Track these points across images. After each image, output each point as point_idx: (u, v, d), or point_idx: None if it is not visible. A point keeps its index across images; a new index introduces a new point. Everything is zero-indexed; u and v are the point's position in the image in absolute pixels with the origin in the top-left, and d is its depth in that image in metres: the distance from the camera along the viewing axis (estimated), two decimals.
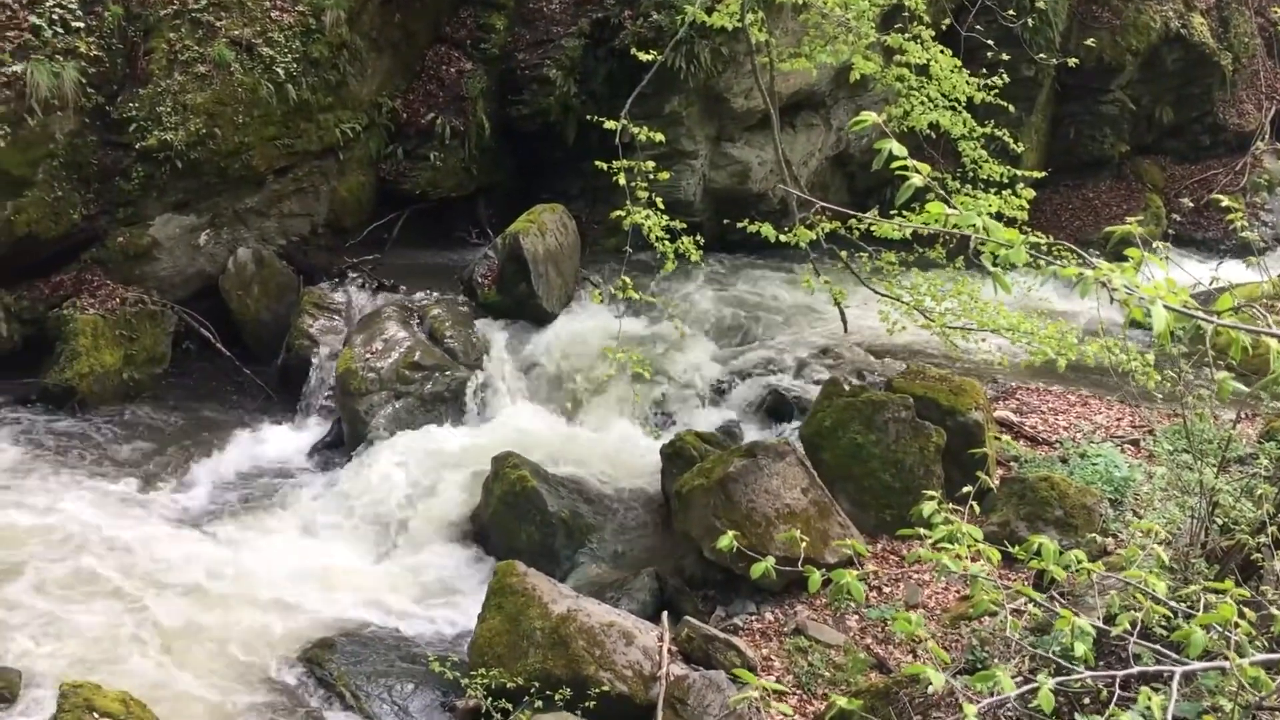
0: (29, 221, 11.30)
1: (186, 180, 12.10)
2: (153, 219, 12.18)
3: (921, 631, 3.33)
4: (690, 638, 7.51)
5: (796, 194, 9.83)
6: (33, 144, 11.09)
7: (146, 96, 11.72)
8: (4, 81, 10.80)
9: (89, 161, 11.63)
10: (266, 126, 12.48)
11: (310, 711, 7.66)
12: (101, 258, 12.09)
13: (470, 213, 14.95)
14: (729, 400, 11.23)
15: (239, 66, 12.13)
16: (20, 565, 8.79)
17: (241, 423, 11.62)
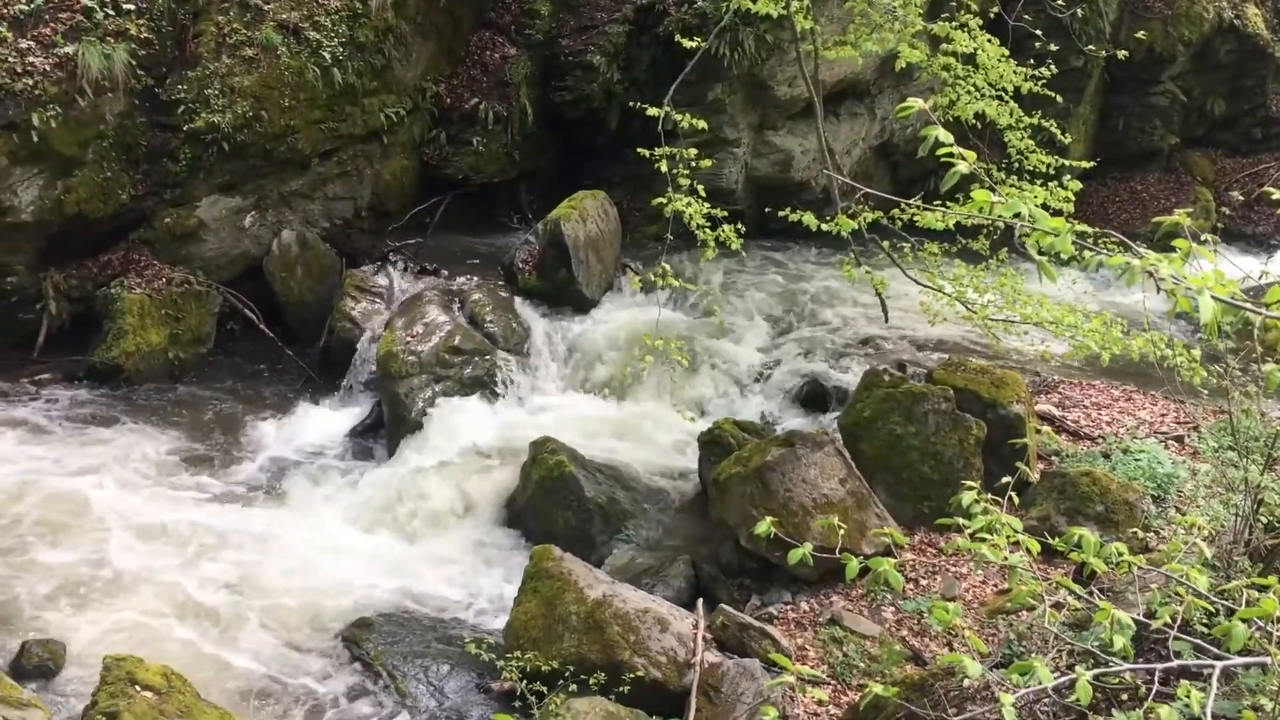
0: (79, 201, 11.46)
1: (233, 162, 12.23)
2: (199, 200, 12.32)
3: (959, 621, 3.31)
4: (725, 625, 7.51)
5: (839, 183, 9.78)
6: (83, 125, 11.24)
7: (195, 79, 11.85)
8: (56, 62, 10.95)
9: (138, 143, 11.77)
10: (312, 110, 12.58)
11: (348, 690, 7.73)
12: (149, 238, 12.25)
13: (512, 198, 15.01)
14: (767, 389, 11.22)
15: (286, 50, 12.22)
16: (64, 539, 8.95)
17: (283, 403, 11.74)
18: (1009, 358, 10.61)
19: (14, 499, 9.32)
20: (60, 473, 9.86)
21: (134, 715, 6.30)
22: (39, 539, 8.92)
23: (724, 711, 6.83)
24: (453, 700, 7.52)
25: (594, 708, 6.67)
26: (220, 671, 7.74)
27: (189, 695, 6.75)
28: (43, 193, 11.25)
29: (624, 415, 11.07)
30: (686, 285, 8.76)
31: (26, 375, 11.55)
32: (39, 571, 8.54)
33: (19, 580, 8.40)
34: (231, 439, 11.02)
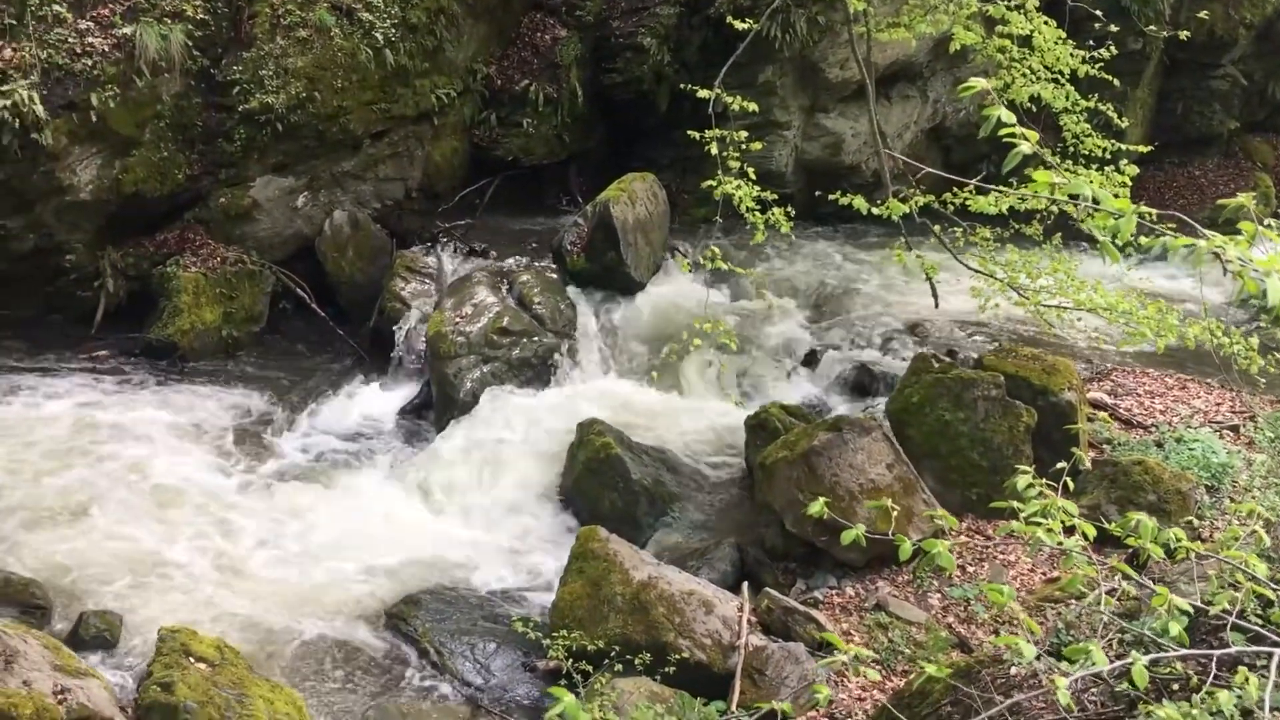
0: (136, 181, 11.64)
1: (286, 143, 12.35)
2: (253, 180, 12.46)
3: (1013, 604, 3.28)
4: (770, 609, 7.51)
5: (890, 166, 9.70)
6: (141, 105, 11.39)
7: (250, 60, 11.96)
8: (114, 43, 11.11)
9: (194, 123, 11.91)
10: (364, 91, 12.67)
11: (395, 666, 7.81)
12: (204, 217, 12.41)
13: (561, 180, 15.02)
14: (815, 373, 11.17)
15: (339, 31, 12.31)
16: (119, 512, 9.11)
17: (333, 382, 11.87)
18: (1061, 344, 10.49)
19: (70, 473, 9.50)
20: (116, 447, 10.03)
21: (188, 686, 6.42)
22: (95, 512, 9.08)
23: (768, 694, 6.83)
24: (499, 678, 7.58)
25: (639, 688, 6.70)
26: (270, 645, 7.85)
27: (241, 667, 6.88)
28: (101, 172, 11.43)
29: (670, 398, 11.07)
30: (735, 268, 8.73)
31: (85, 351, 11.77)
32: (95, 544, 8.70)
33: (76, 552, 8.56)
34: (283, 416, 11.16)
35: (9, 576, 7.90)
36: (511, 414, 10.62)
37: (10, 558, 8.34)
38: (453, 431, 10.55)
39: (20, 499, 9.07)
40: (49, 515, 8.95)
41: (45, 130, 10.73)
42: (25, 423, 10.26)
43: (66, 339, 11.90)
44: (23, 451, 9.78)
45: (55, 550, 8.53)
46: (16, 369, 11.34)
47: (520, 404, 10.76)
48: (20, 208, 11.24)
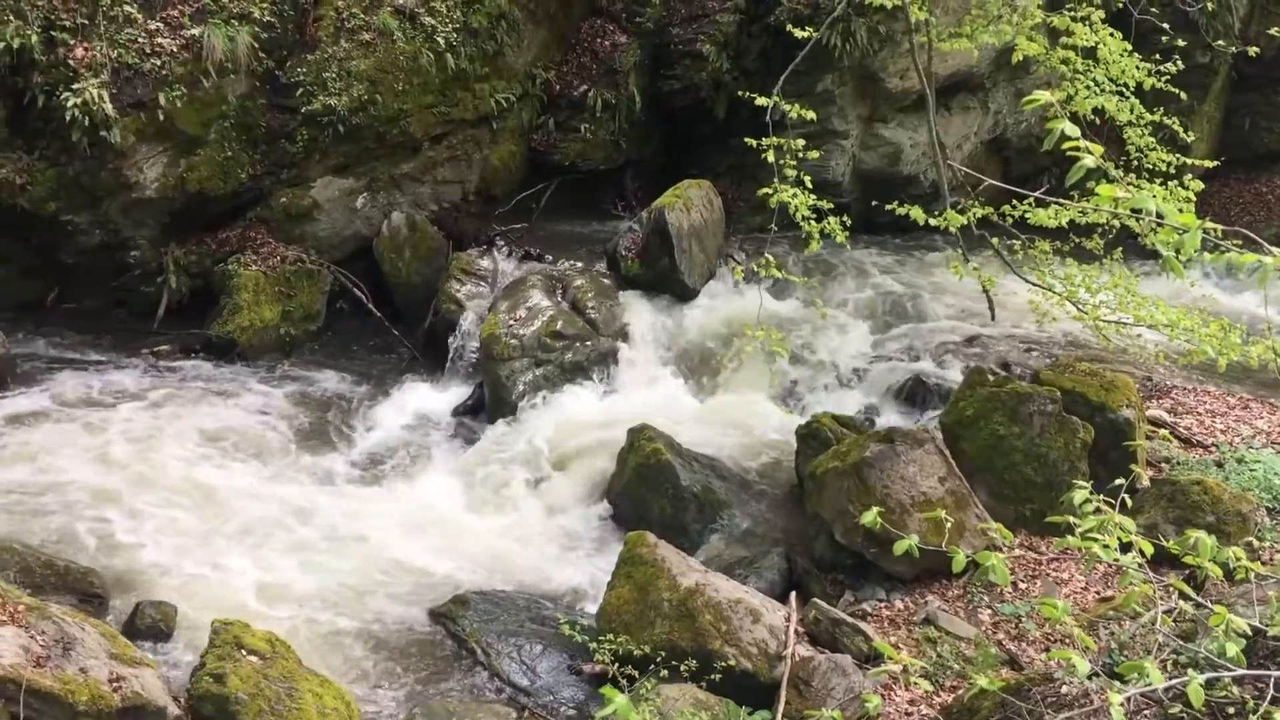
0: (200, 179, 11.84)
1: (347, 145, 12.51)
2: (314, 181, 12.64)
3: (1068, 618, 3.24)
4: (817, 620, 7.47)
5: (948, 178, 9.63)
6: (207, 105, 11.60)
7: (314, 62, 12.13)
8: (183, 44, 11.32)
9: (257, 123, 12.11)
10: (425, 94, 12.80)
11: (442, 665, 7.85)
12: (265, 216, 12.61)
13: (617, 185, 15.07)
14: (868, 384, 11.10)
15: (401, 35, 12.45)
16: (175, 505, 9.25)
17: (388, 382, 11.99)
18: (1120, 360, 10.34)
19: (129, 465, 9.67)
20: (174, 441, 10.19)
21: (240, 678, 6.51)
22: (152, 504, 9.22)
23: (814, 706, 6.78)
24: (544, 680, 7.59)
25: (684, 694, 6.70)
26: (319, 640, 7.93)
27: (291, 661, 6.95)
28: (166, 170, 11.65)
29: (722, 405, 11.05)
30: (789, 277, 8.73)
31: (147, 346, 11.99)
32: (151, 535, 8.83)
33: (133, 543, 8.71)
34: (337, 414, 11.29)
35: (68, 565, 8.05)
36: (563, 417, 10.67)
37: (69, 547, 8.50)
38: (504, 433, 10.62)
39: (79, 488, 9.24)
40: (106, 505, 9.11)
41: (114, 128, 10.96)
42: (87, 413, 10.47)
43: (130, 333, 12.16)
44: (84, 441, 9.97)
45: (112, 540, 8.68)
46: (82, 361, 11.61)
47: (572, 407, 10.80)
48: (88, 204, 11.49)
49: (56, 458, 9.66)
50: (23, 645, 6.19)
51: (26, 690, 5.93)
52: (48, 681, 6.08)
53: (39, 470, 9.41)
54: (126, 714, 6.32)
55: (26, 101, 10.92)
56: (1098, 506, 3.38)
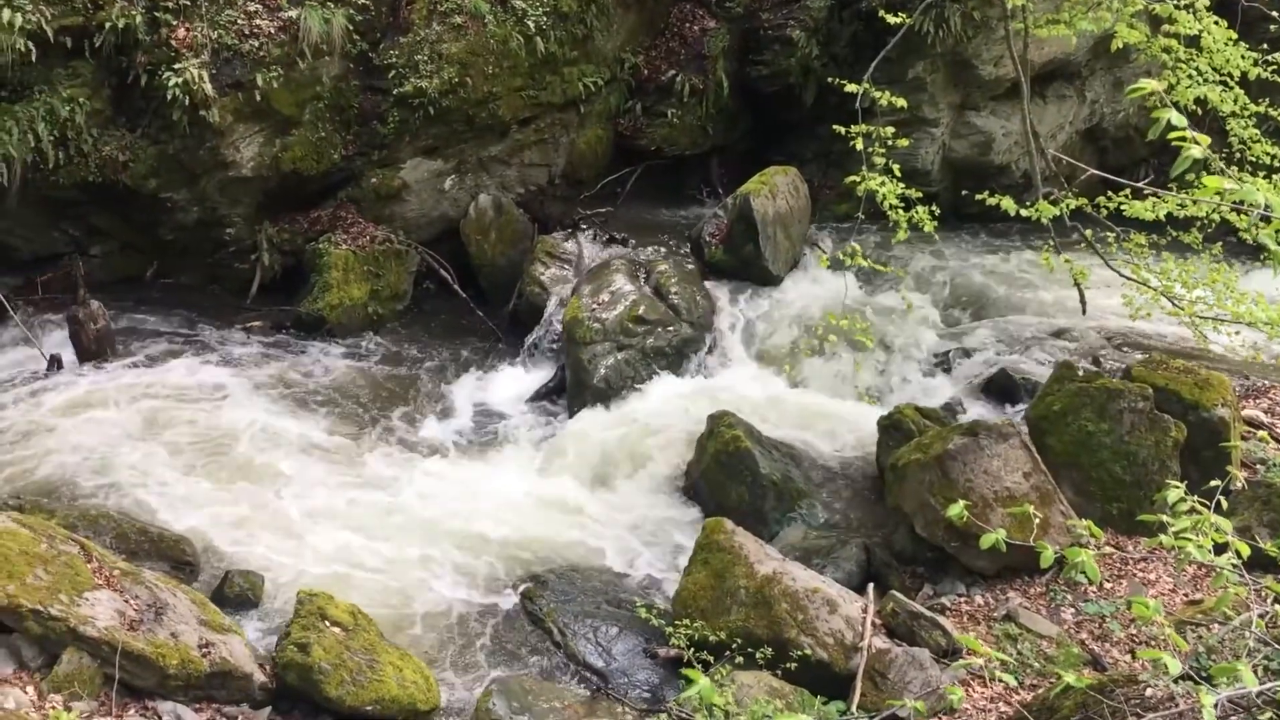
0: (294, 159, 12.08)
1: (437, 127, 12.65)
2: (404, 162, 12.81)
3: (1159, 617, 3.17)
4: (895, 612, 7.41)
5: (1041, 168, 9.44)
6: (302, 86, 11.82)
7: (406, 45, 12.29)
8: (280, 25, 11.54)
9: (350, 105, 12.31)
10: (514, 78, 12.89)
11: (519, 643, 7.93)
12: (355, 197, 12.81)
13: (702, 171, 15.04)
14: (952, 376, 10.95)
15: (492, 18, 12.55)
16: (264, 477, 9.47)
17: (471, 362, 12.13)
18: (1216, 358, 10.06)
19: (220, 438, 9.92)
20: (263, 414, 10.43)
21: (323, 648, 6.66)
22: (241, 475, 9.46)
23: (889, 698, 6.74)
24: (619, 662, 7.63)
25: (759, 682, 6.70)
26: (399, 614, 8.05)
27: (373, 634, 7.10)
28: (262, 150, 11.89)
29: (803, 393, 10.99)
30: (876, 266, 8.62)
31: (239, 321, 12.29)
32: (241, 506, 9.06)
33: (223, 514, 8.93)
34: (421, 393, 11.46)
35: (162, 532, 8.29)
36: (643, 402, 10.70)
37: (163, 514, 8.75)
38: (584, 416, 10.68)
39: (174, 458, 9.51)
40: (199, 475, 9.36)
41: (213, 108, 11.22)
42: (182, 385, 10.76)
43: (224, 308, 12.47)
44: (177, 412, 10.25)
45: (204, 509, 8.92)
46: (178, 334, 11.93)
47: (652, 392, 10.83)
48: (187, 181, 11.79)
49: (150, 427, 9.95)
50: (118, 609, 6.41)
51: (121, 653, 6.14)
52: (140, 644, 6.28)
53: (133, 439, 9.70)
54: (214, 679, 6.51)
55: (130, 81, 11.24)
56: (1192, 506, 3.30)
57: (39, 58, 10.68)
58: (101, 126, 11.37)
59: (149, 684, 6.33)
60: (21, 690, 5.99)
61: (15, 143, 10.74)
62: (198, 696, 6.49)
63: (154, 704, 6.32)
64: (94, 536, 7.62)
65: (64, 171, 11.24)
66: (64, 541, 6.73)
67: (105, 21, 10.92)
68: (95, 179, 11.41)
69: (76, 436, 9.60)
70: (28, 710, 5.89)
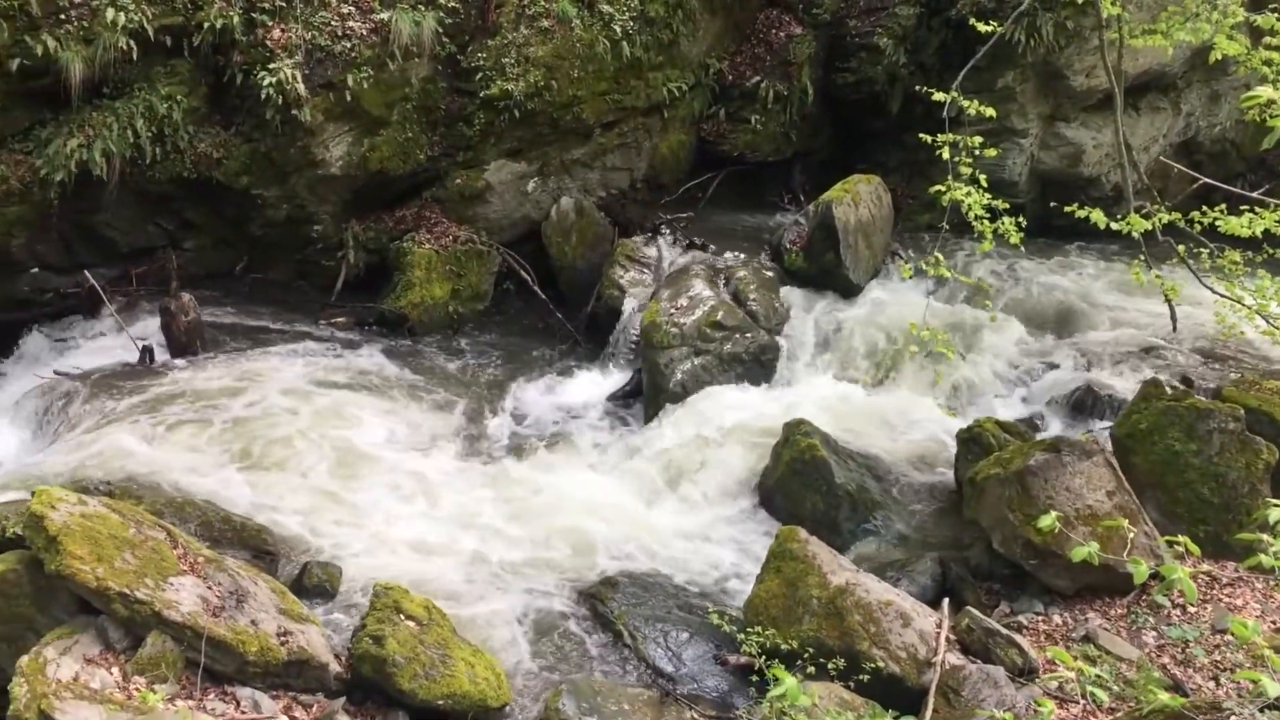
0: (381, 159, 12.27)
1: (521, 129, 12.77)
2: (488, 164, 12.95)
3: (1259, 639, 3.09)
4: (970, 629, 7.31)
5: (1133, 181, 9.24)
6: (391, 87, 12.01)
7: (494, 47, 12.42)
8: (372, 28, 11.74)
9: (437, 106, 12.47)
10: (599, 81, 12.97)
11: (588, 645, 7.93)
12: (440, 197, 12.98)
13: (784, 177, 14.99)
14: (1035, 390, 10.77)
15: (580, 22, 12.65)
16: (342, 471, 9.60)
17: (549, 363, 12.23)
18: None
19: (302, 431, 10.08)
20: (343, 409, 10.58)
21: (397, 641, 6.75)
22: (319, 468, 9.59)
23: (962, 716, 6.66)
24: (689, 668, 7.61)
25: (829, 693, 6.64)
26: (471, 610, 8.09)
27: (446, 629, 7.17)
28: (350, 149, 12.10)
29: (880, 404, 10.88)
30: (960, 277, 8.53)
31: (324, 316, 12.52)
32: (320, 499, 9.20)
33: (303, 505, 9.08)
34: (497, 392, 11.57)
35: (245, 521, 8.46)
36: (719, 408, 10.67)
37: (245, 504, 8.91)
38: (660, 420, 10.69)
39: (257, 450, 9.70)
40: (279, 467, 9.52)
41: (305, 107, 11.45)
42: (266, 378, 10.96)
43: (310, 304, 12.72)
44: (263, 404, 10.46)
45: (285, 500, 9.08)
46: (265, 328, 12.19)
47: (728, 399, 10.80)
48: (277, 178, 12.04)
49: (235, 419, 10.16)
50: (201, 595, 6.56)
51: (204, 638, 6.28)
52: (221, 631, 6.42)
53: (219, 430, 9.91)
54: (291, 667, 6.63)
55: (226, 80, 11.51)
56: None
57: (140, 56, 11.00)
58: (197, 124, 11.67)
59: (229, 669, 6.47)
60: (107, 671, 6.16)
61: (115, 138, 11.06)
62: (275, 684, 6.61)
63: (233, 689, 6.45)
64: (180, 523, 7.82)
65: (160, 167, 11.55)
66: (151, 527, 6.92)
67: (204, 21, 11.21)
68: (190, 175, 11.71)
69: (165, 425, 9.84)
70: (112, 690, 6.05)
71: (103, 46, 10.77)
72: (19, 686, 5.80)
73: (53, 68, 10.69)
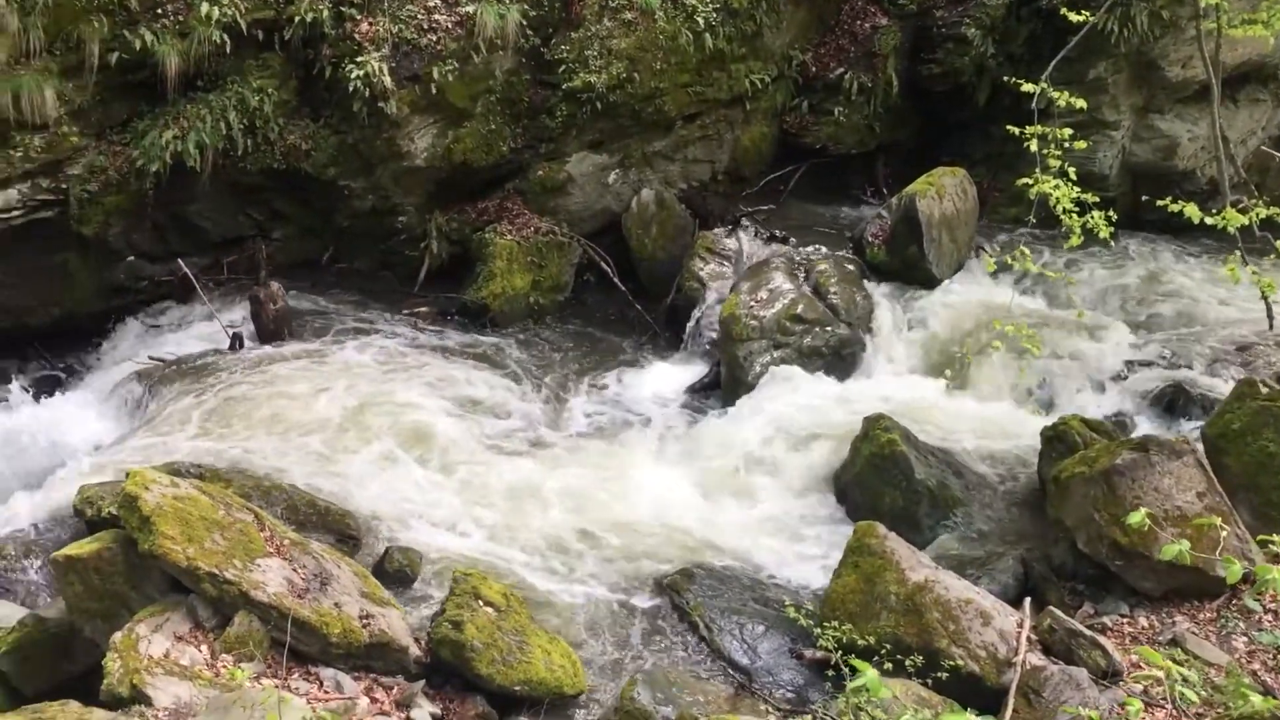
0: (465, 151, 12.41)
1: (603, 121, 12.82)
2: (570, 156, 13.02)
3: None
4: (1052, 629, 7.18)
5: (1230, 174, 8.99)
6: (476, 79, 12.13)
7: (577, 40, 12.48)
8: (457, 20, 11.87)
9: (520, 98, 12.56)
10: (681, 73, 12.97)
11: (663, 635, 7.96)
12: (521, 188, 13.08)
13: (867, 170, 14.85)
14: (1122, 388, 10.53)
15: (663, 14, 12.66)
16: (424, 458, 9.74)
17: (627, 354, 12.27)
18: None
19: (385, 419, 10.23)
20: (426, 399, 10.73)
21: (476, 627, 6.84)
22: (402, 456, 9.73)
23: (1042, 717, 6.55)
24: (764, 661, 7.59)
25: (906, 690, 6.58)
26: (547, 598, 8.16)
27: (524, 616, 7.24)
28: (435, 141, 12.26)
29: (962, 400, 10.73)
30: (1046, 272, 8.36)
31: (407, 306, 12.71)
32: (401, 484, 9.33)
33: (385, 491, 9.23)
34: (578, 383, 11.65)
35: (329, 505, 8.62)
36: (798, 401, 10.60)
37: (329, 488, 9.07)
38: (738, 413, 10.66)
39: (340, 436, 9.88)
40: (361, 452, 9.67)
41: (391, 100, 11.62)
42: (351, 366, 11.16)
43: (393, 293, 12.92)
44: (346, 392, 10.63)
45: (367, 485, 9.22)
46: (350, 317, 12.41)
47: (808, 392, 10.72)
48: (363, 170, 12.24)
49: (320, 405, 10.35)
50: (286, 577, 6.71)
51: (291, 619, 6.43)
52: (306, 612, 6.57)
53: (304, 416, 10.12)
54: (372, 650, 6.76)
55: (315, 72, 11.73)
56: None
57: (232, 50, 11.26)
58: (287, 116, 11.91)
59: (312, 650, 6.61)
60: (196, 648, 6.34)
61: (209, 130, 11.34)
62: (356, 665, 6.74)
63: (316, 670, 6.60)
64: (266, 506, 7.99)
65: (251, 158, 11.81)
66: (239, 509, 7.09)
67: (295, 15, 11.43)
68: (279, 166, 11.96)
69: (253, 410, 10.07)
70: (201, 667, 6.22)
71: (197, 40, 11.05)
72: (113, 661, 6.00)
73: (149, 61, 10.99)
